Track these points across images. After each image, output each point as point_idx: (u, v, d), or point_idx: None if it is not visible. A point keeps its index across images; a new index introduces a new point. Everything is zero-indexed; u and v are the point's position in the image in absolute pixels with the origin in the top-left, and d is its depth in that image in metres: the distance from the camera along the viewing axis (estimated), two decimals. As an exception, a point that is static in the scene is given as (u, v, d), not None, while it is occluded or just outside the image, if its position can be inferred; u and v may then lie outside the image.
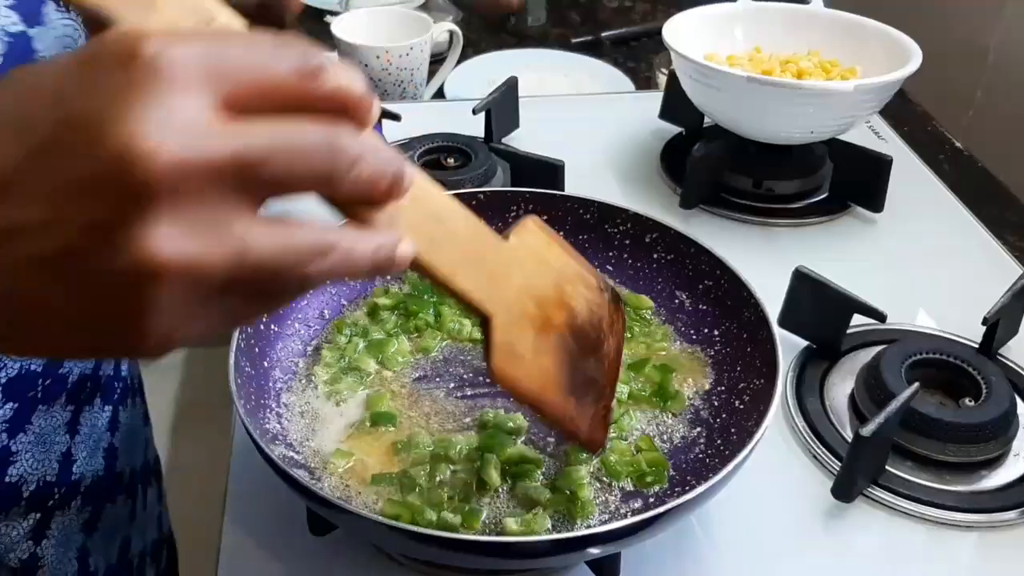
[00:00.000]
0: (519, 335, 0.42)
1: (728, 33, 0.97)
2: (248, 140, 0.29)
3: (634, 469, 0.56)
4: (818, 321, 0.71)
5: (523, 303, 0.41)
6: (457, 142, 0.94)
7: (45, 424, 0.58)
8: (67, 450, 0.60)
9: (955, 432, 0.63)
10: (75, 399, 0.60)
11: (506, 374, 0.43)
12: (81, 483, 0.62)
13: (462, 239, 0.38)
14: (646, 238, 0.69)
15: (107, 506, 0.66)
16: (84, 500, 0.63)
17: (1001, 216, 0.93)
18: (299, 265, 0.31)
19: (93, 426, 0.63)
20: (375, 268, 0.33)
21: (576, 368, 0.45)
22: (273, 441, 0.56)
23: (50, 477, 0.59)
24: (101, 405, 0.64)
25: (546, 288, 0.42)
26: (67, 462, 0.60)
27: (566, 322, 0.43)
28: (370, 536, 0.55)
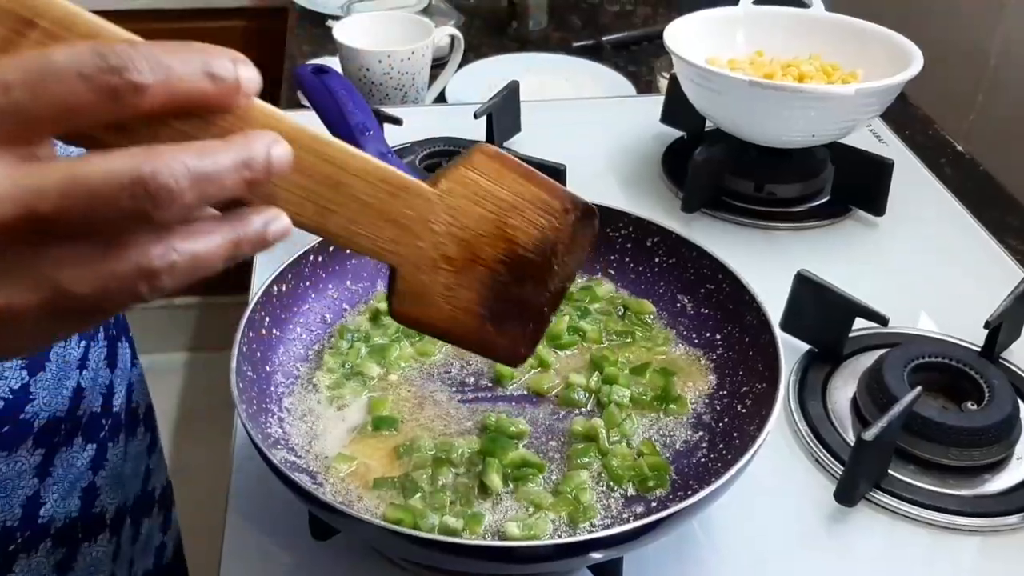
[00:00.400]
0: (430, 279, 0.43)
1: (729, 37, 0.97)
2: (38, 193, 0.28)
3: (636, 473, 0.56)
4: (820, 325, 0.71)
5: (444, 248, 0.42)
6: (459, 146, 0.94)
7: (6, 469, 0.56)
8: (34, 494, 0.58)
9: (958, 436, 0.62)
10: (46, 442, 0.58)
11: (405, 316, 0.44)
12: (51, 525, 0.60)
13: (365, 199, 0.38)
14: (648, 242, 0.69)
15: (84, 545, 0.64)
16: (56, 542, 0.61)
17: (1003, 220, 0.93)
18: (124, 292, 0.30)
19: (69, 466, 0.61)
20: (234, 257, 0.32)
21: (505, 295, 0.45)
22: (275, 446, 0.56)
23: (11, 522, 0.58)
24: (83, 444, 0.62)
25: (479, 225, 0.43)
26: (33, 506, 0.58)
27: (500, 255, 0.44)
28: (372, 541, 0.55)
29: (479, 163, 0.42)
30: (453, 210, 0.41)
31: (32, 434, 0.57)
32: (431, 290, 0.43)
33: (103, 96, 0.28)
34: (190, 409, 1.93)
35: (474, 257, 0.43)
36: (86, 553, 0.64)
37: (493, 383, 0.63)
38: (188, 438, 1.85)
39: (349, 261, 0.68)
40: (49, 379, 0.57)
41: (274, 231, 0.33)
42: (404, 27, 1.14)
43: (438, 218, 0.41)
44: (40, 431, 0.57)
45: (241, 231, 0.32)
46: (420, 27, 1.13)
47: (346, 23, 1.13)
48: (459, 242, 0.42)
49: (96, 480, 0.64)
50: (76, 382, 0.60)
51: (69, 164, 0.28)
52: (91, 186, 0.28)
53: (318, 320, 0.66)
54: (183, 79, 0.30)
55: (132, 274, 0.30)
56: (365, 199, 0.38)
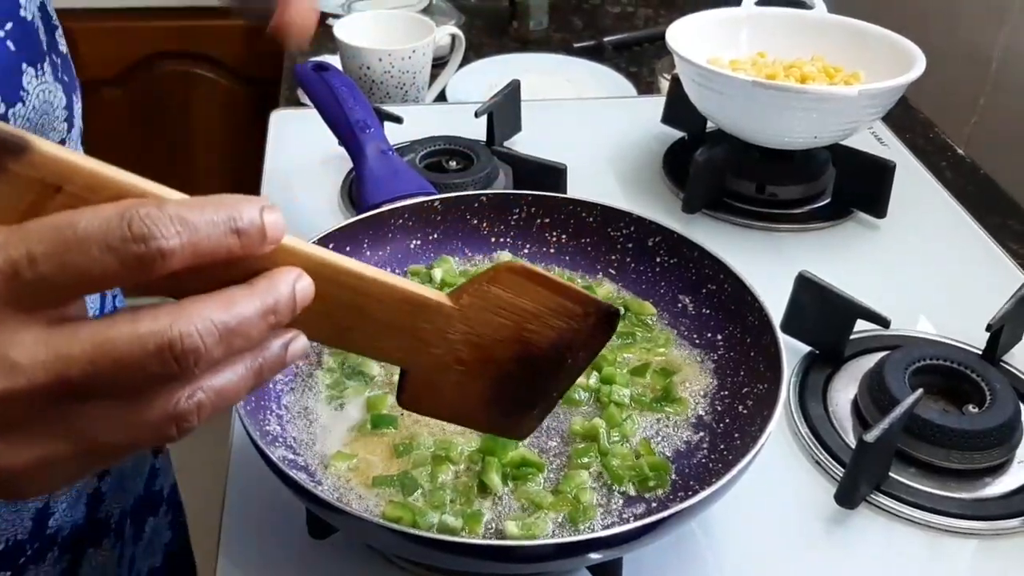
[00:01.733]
0: (441, 378, 0.44)
1: (732, 38, 0.97)
2: (68, 361, 0.29)
3: (636, 473, 0.56)
4: (821, 326, 0.71)
5: (456, 352, 0.43)
6: (459, 145, 0.93)
7: None
8: (43, 506, 0.59)
9: (959, 439, 0.62)
10: None
11: (414, 407, 0.46)
12: (58, 535, 0.60)
13: (384, 319, 0.39)
14: (649, 242, 0.68)
15: (89, 551, 0.64)
16: (62, 551, 0.61)
17: (1004, 224, 0.93)
18: (154, 437, 0.31)
19: None
20: (258, 384, 0.33)
21: (513, 388, 0.46)
22: (273, 443, 0.56)
23: (22, 536, 0.58)
24: None
25: (496, 332, 0.44)
26: (42, 517, 0.59)
27: (514, 355, 0.45)
28: (370, 539, 0.55)
29: (503, 280, 0.43)
30: (471, 320, 0.42)
31: None
32: (440, 387, 0.44)
33: (129, 265, 0.29)
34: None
35: (487, 358, 0.44)
36: (91, 558, 0.64)
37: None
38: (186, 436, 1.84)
39: (349, 259, 0.68)
40: None
41: (292, 352, 0.34)
42: (405, 26, 1.14)
43: (455, 328, 0.42)
44: None
45: (262, 357, 0.33)
46: (421, 26, 1.13)
47: (347, 21, 1.13)
48: (474, 347, 0.43)
49: (101, 486, 0.64)
50: None
51: (97, 329, 0.29)
52: (119, 354, 0.29)
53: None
54: (210, 238, 0.30)
55: (161, 420, 0.31)
56: (384, 319, 0.39)
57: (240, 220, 0.31)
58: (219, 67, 1.87)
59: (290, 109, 1.09)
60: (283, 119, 1.04)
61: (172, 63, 1.84)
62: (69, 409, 0.30)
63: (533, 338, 0.44)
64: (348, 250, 0.67)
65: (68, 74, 0.56)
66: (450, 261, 0.69)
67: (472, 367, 0.44)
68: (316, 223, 0.83)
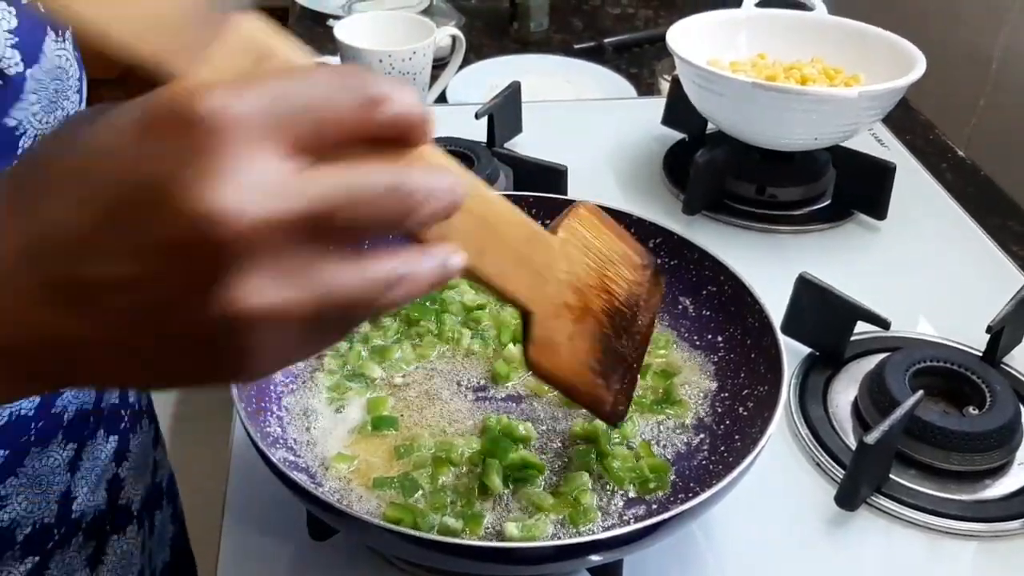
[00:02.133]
0: (556, 326, 0.44)
1: (732, 39, 0.97)
2: (321, 192, 0.29)
3: (637, 475, 0.56)
4: (822, 328, 0.71)
5: (564, 295, 0.44)
6: (460, 146, 0.93)
7: (40, 465, 0.57)
8: (66, 489, 0.59)
9: (959, 441, 0.62)
10: (76, 436, 0.59)
11: (541, 366, 0.46)
12: (82, 520, 0.61)
13: (511, 243, 0.40)
14: (649, 243, 0.68)
15: (113, 538, 0.64)
16: (87, 536, 0.61)
17: (1004, 225, 0.93)
18: (374, 299, 0.31)
19: (95, 459, 0.61)
20: (434, 286, 0.34)
21: (609, 348, 0.47)
22: (274, 444, 0.56)
23: (48, 519, 0.58)
24: (105, 436, 0.63)
25: (589, 276, 0.45)
26: (66, 501, 0.59)
27: (604, 307, 0.46)
28: (370, 541, 0.55)
29: (584, 217, 0.44)
30: (569, 258, 0.43)
31: (62, 427, 0.57)
32: (558, 338, 0.45)
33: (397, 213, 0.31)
34: (188, 408, 1.93)
35: (586, 306, 0.45)
36: (115, 546, 0.65)
37: (493, 383, 0.62)
38: (186, 437, 1.85)
39: (349, 260, 0.68)
40: None
41: (453, 264, 0.34)
42: (405, 27, 1.14)
43: (559, 266, 0.43)
44: (69, 425, 0.58)
45: (437, 258, 0.34)
46: (421, 27, 1.13)
47: (347, 23, 1.13)
48: (575, 290, 0.44)
49: (120, 472, 0.65)
50: None
51: (338, 170, 0.30)
52: (362, 187, 0.30)
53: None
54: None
55: (383, 281, 0.31)
56: (513, 244, 0.40)
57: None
58: (220, 68, 1.87)
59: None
60: (284, 120, 1.04)
61: (173, 64, 1.84)
62: (314, 251, 0.30)
63: (613, 288, 0.45)
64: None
65: (79, 56, 0.57)
66: (463, 282, 0.69)
67: (578, 315, 0.44)
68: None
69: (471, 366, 0.64)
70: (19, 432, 0.54)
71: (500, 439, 0.57)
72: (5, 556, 0.56)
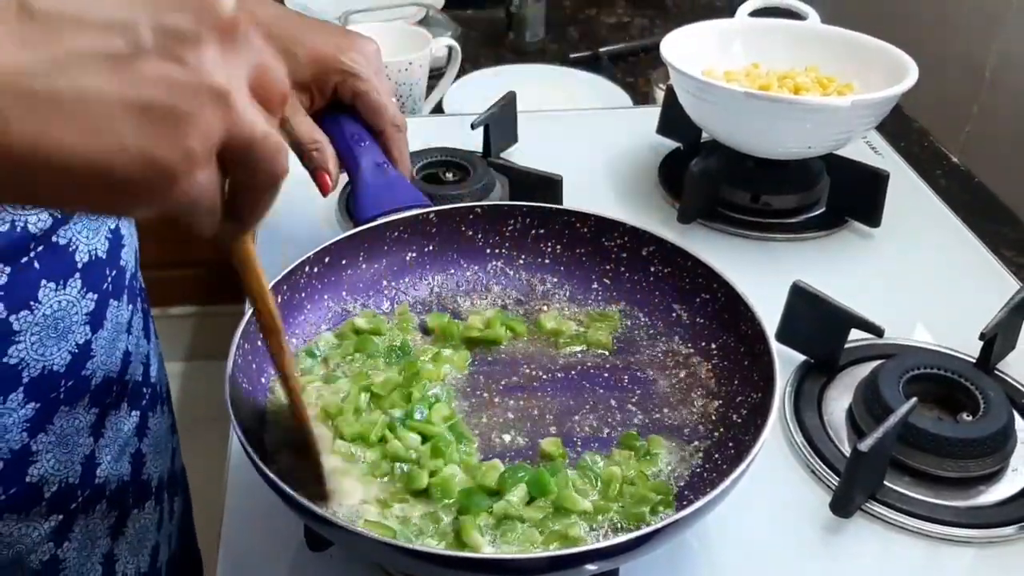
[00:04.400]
0: None
1: (726, 49, 0.97)
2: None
3: (642, 502, 0.54)
4: (816, 336, 0.71)
5: None
6: (455, 157, 0.94)
7: (67, 425, 0.59)
8: (90, 452, 0.61)
9: (953, 447, 0.62)
10: (99, 402, 0.61)
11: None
12: (106, 487, 0.63)
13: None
14: (643, 251, 0.69)
15: (134, 511, 0.66)
16: (110, 505, 0.64)
17: (998, 231, 0.93)
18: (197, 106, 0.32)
19: (118, 430, 0.64)
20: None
21: None
22: (270, 457, 0.56)
23: (73, 479, 0.60)
24: (128, 410, 0.65)
25: None
26: (90, 465, 0.61)
27: None
28: (367, 553, 0.55)
29: None
30: None
31: (89, 391, 0.60)
32: None
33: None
34: (185, 419, 1.93)
35: None
36: (136, 519, 0.68)
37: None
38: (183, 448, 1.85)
39: (345, 272, 0.68)
40: (106, 338, 0.61)
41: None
42: (401, 38, 1.15)
43: None
44: (95, 390, 0.61)
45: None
46: (417, 38, 1.14)
47: (344, 34, 1.13)
48: None
49: (142, 447, 0.68)
50: (125, 346, 0.65)
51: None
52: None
53: (313, 331, 0.66)
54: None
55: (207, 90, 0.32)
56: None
57: None
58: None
59: (287, 121, 1.09)
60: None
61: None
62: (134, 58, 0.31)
63: None
64: (344, 263, 0.68)
65: None
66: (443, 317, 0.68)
67: None
68: (313, 236, 0.83)
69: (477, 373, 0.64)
70: (49, 388, 0.57)
71: (475, 493, 0.54)
72: (32, 512, 0.58)
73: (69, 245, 0.57)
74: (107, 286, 0.61)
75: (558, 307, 0.69)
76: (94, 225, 0.59)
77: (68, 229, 0.57)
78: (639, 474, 0.57)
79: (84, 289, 0.58)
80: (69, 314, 0.58)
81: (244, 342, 0.58)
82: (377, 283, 0.70)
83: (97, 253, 0.59)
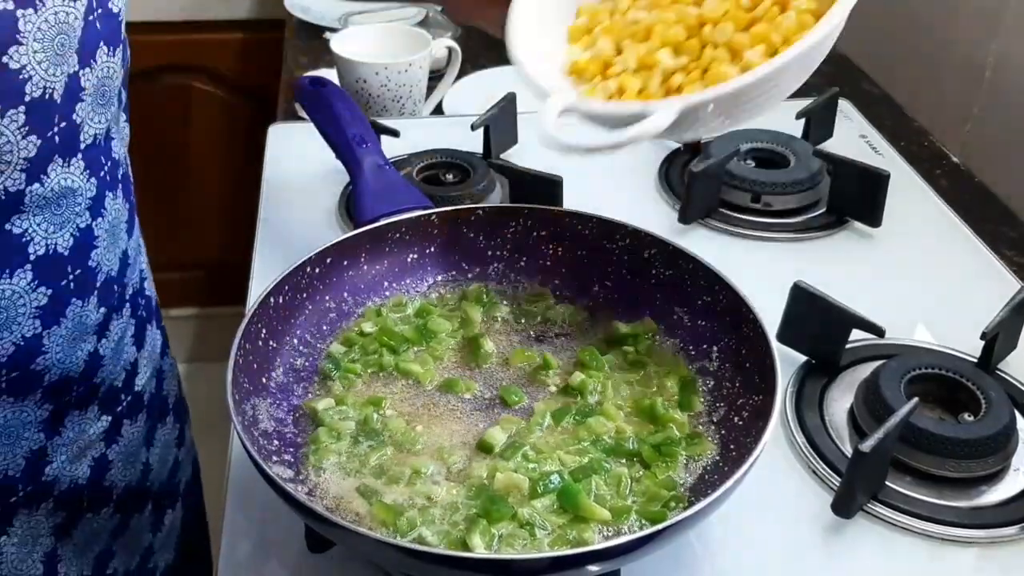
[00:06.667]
0: None
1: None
2: None
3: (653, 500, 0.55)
4: (817, 336, 0.71)
5: None
6: (456, 158, 0.94)
7: (11, 417, 0.59)
8: (39, 448, 0.61)
9: (955, 447, 0.62)
10: (54, 399, 0.61)
11: None
12: (55, 486, 0.63)
13: None
14: (644, 253, 0.69)
15: (87, 515, 0.66)
16: (57, 504, 0.63)
17: (998, 231, 0.93)
18: None
19: (81, 431, 0.63)
20: None
21: None
22: (270, 458, 0.56)
23: (13, 472, 0.60)
24: (98, 414, 0.65)
25: None
26: (38, 461, 0.61)
27: None
28: (367, 553, 0.55)
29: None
30: None
31: (41, 387, 0.59)
32: None
33: None
34: (187, 420, 1.93)
35: None
36: (88, 522, 0.66)
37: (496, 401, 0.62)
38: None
39: (346, 273, 0.68)
40: (63, 336, 0.60)
41: None
42: (401, 39, 1.15)
43: None
44: (50, 387, 0.60)
45: None
46: (417, 39, 1.14)
47: (343, 35, 1.13)
48: None
49: (108, 454, 0.66)
50: (93, 348, 0.63)
51: None
52: None
53: (315, 332, 0.66)
54: None
55: None
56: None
57: None
58: (218, 81, 1.87)
59: (288, 123, 1.09)
60: (281, 133, 1.05)
61: (171, 76, 1.85)
62: None
63: None
64: (346, 264, 0.68)
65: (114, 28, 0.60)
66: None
67: None
68: (314, 237, 0.83)
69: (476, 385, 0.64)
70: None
71: (498, 499, 0.54)
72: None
73: (24, 236, 0.55)
74: (68, 283, 0.59)
75: (559, 309, 0.69)
76: (57, 220, 0.57)
77: (23, 219, 0.55)
78: (647, 473, 0.57)
79: (35, 282, 0.57)
80: (14, 305, 0.56)
81: (245, 342, 0.58)
82: (378, 284, 0.70)
83: (57, 248, 0.58)
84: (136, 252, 0.67)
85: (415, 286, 0.71)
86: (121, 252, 0.65)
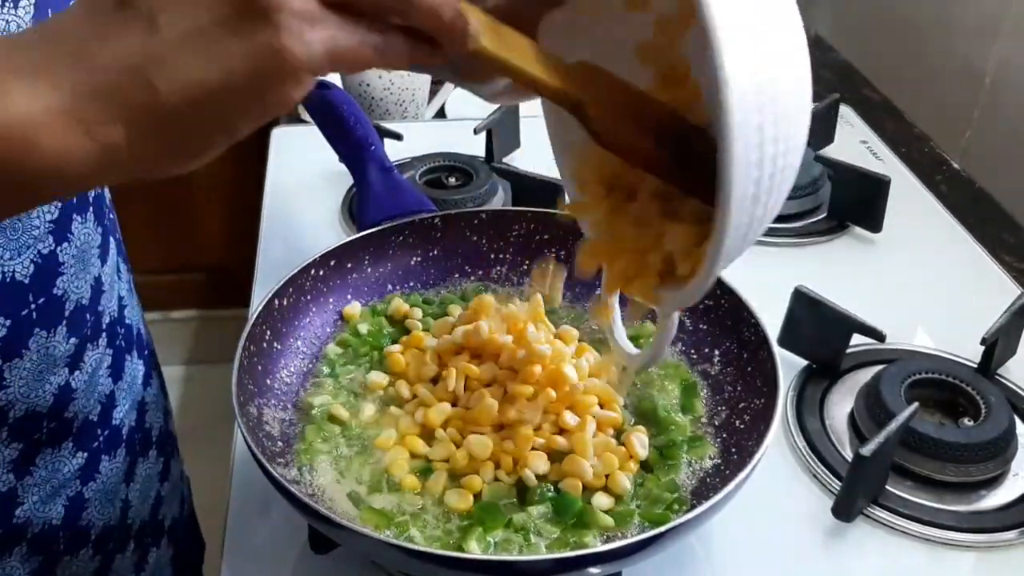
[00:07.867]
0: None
1: None
2: None
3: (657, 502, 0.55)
4: (818, 341, 0.71)
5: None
6: (458, 161, 0.94)
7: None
8: (8, 490, 0.57)
9: (954, 452, 0.63)
10: (23, 437, 0.57)
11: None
12: (28, 529, 0.59)
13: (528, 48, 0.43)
14: (646, 257, 0.69)
15: (64, 559, 0.61)
16: (31, 548, 0.60)
17: (998, 236, 0.94)
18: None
19: (55, 471, 0.59)
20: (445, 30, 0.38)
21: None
22: (275, 459, 0.56)
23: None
24: (72, 450, 0.61)
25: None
26: (7, 503, 0.57)
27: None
28: (371, 554, 0.55)
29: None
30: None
31: (6, 424, 0.55)
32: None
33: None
34: (188, 422, 1.93)
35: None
36: (66, 566, 0.63)
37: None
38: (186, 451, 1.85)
39: (350, 275, 0.68)
40: (28, 369, 0.56)
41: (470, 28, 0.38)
42: (404, 43, 1.15)
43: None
44: (16, 423, 0.56)
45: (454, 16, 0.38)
46: (420, 43, 1.14)
47: (347, 39, 1.14)
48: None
49: (85, 492, 0.62)
50: (65, 381, 0.59)
51: None
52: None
53: (319, 334, 0.67)
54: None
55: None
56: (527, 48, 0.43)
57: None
58: (220, 83, 1.88)
59: (291, 126, 1.10)
60: (285, 135, 1.05)
61: (173, 79, 1.85)
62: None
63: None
64: (349, 267, 0.68)
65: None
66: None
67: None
68: (317, 239, 0.84)
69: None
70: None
71: (492, 506, 0.54)
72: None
73: None
74: (30, 313, 0.55)
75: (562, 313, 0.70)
76: (13, 245, 0.53)
77: None
78: (649, 476, 0.57)
79: None
80: None
81: (250, 344, 0.59)
82: (382, 287, 0.70)
83: (15, 276, 0.53)
84: (112, 279, 0.63)
85: (418, 289, 0.71)
86: (93, 279, 0.60)
